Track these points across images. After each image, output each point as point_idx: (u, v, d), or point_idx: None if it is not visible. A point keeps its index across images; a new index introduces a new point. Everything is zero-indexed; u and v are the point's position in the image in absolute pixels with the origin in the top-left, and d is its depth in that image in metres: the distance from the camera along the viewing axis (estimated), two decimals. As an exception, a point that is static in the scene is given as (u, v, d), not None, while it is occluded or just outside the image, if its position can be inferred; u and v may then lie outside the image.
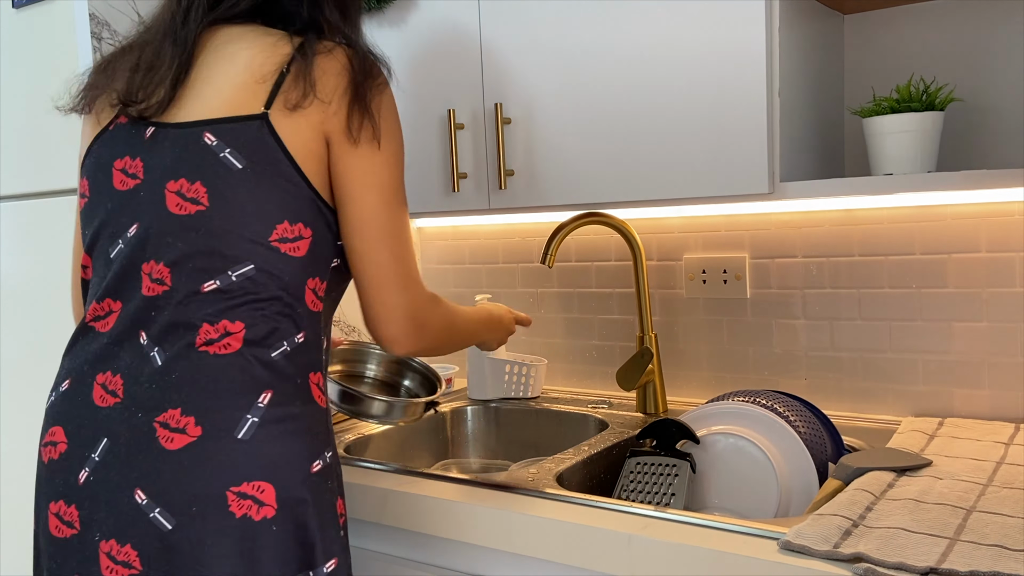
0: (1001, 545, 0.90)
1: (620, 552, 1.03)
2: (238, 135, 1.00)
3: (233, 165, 1.00)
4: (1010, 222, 1.37)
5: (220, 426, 0.96)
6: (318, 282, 1.05)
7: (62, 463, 1.02)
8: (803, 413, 1.32)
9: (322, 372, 1.06)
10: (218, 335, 0.99)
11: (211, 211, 1.00)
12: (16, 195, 1.67)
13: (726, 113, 1.24)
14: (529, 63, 1.42)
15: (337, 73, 1.03)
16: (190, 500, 0.94)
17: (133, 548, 0.95)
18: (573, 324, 1.83)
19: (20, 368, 1.68)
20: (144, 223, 1.02)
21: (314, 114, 1.01)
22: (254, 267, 0.99)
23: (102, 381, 1.02)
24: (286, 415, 0.99)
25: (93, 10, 1.44)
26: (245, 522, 0.95)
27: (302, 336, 1.03)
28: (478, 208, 1.50)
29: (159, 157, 1.03)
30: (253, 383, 0.98)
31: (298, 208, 1.01)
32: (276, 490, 0.96)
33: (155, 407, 0.98)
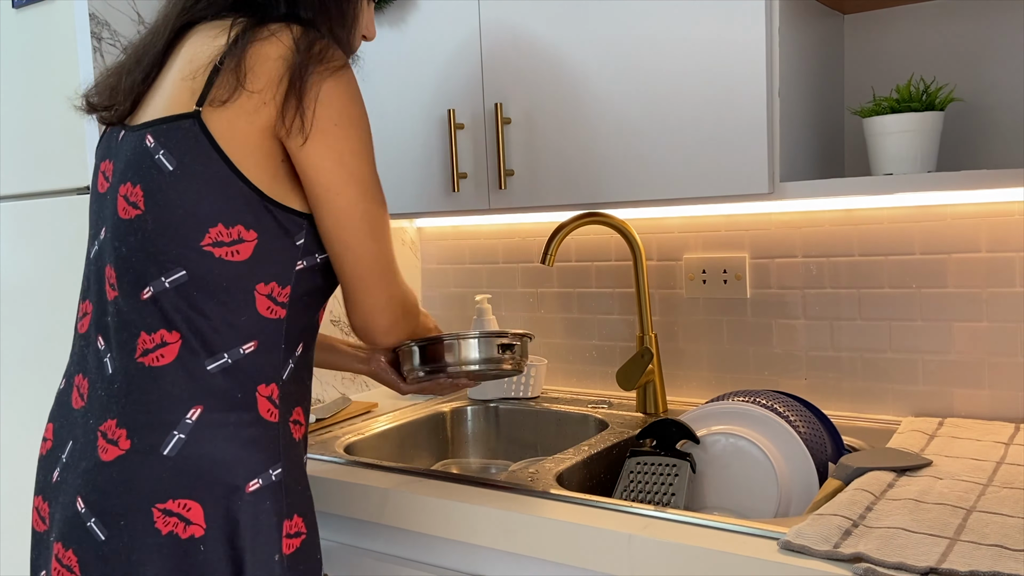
0: (1001, 545, 0.89)
1: (620, 552, 1.03)
2: (171, 135, 0.96)
3: (165, 167, 0.96)
4: (1010, 222, 1.37)
5: (147, 441, 0.94)
6: (275, 287, 0.99)
7: (46, 460, 1.04)
8: (803, 413, 1.32)
9: (277, 383, 1.00)
10: (154, 345, 0.96)
11: (145, 215, 0.97)
12: (16, 195, 1.67)
13: (726, 113, 1.24)
14: (529, 63, 1.42)
15: (275, 58, 0.94)
16: (119, 513, 0.93)
17: (74, 554, 0.95)
18: (573, 324, 1.83)
19: (20, 368, 1.68)
20: (107, 227, 1.02)
21: (250, 109, 0.94)
22: (186, 273, 0.95)
23: (77, 383, 1.03)
24: (218, 432, 0.95)
25: (93, 10, 1.44)
26: (172, 539, 0.93)
27: (251, 346, 0.97)
28: (478, 208, 1.50)
29: (120, 160, 1.02)
30: (183, 397, 0.95)
31: (235, 210, 0.95)
32: (204, 509, 0.93)
33: (101, 415, 0.97)
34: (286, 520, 0.98)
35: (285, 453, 1.00)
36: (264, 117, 0.95)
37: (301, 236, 1.00)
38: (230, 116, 0.94)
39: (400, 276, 1.06)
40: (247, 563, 0.95)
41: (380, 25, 1.58)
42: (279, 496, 0.98)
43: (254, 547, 0.95)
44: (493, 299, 1.94)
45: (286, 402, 1.01)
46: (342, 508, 1.29)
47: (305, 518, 1.01)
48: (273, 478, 0.97)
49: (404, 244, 2.00)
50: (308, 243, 1.01)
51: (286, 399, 1.01)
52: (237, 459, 0.95)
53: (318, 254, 1.02)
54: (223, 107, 0.94)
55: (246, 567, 0.95)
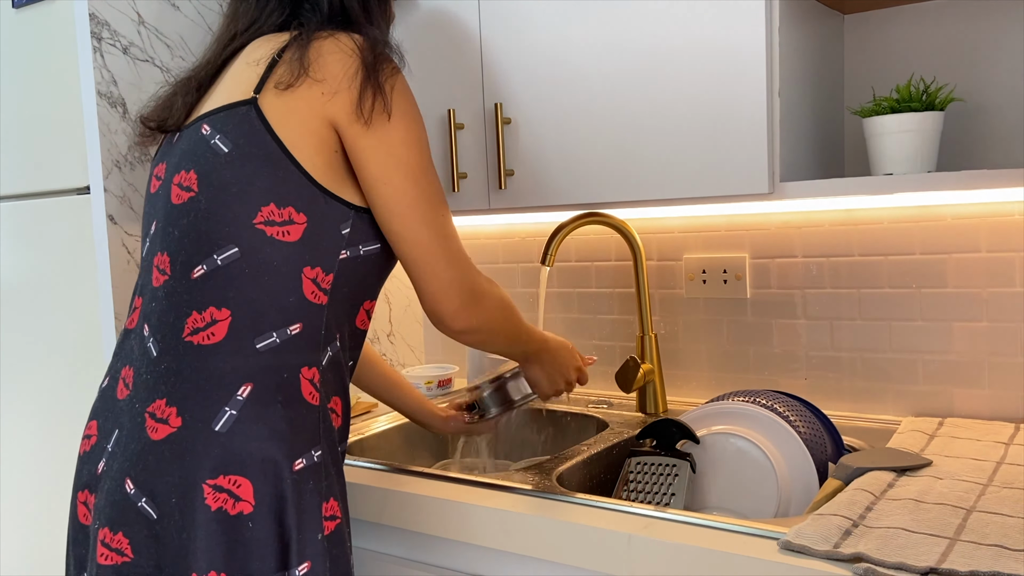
0: (1001, 545, 0.89)
1: (620, 552, 1.03)
2: (227, 121, 1.01)
3: (220, 150, 1.00)
4: (1010, 222, 1.37)
5: (198, 417, 0.96)
6: (320, 273, 1.02)
7: (90, 455, 1.05)
8: (803, 413, 1.32)
9: (318, 368, 1.03)
10: (204, 323, 0.98)
11: (199, 196, 1.00)
12: (16, 195, 1.67)
13: (726, 113, 1.24)
14: (529, 63, 1.42)
15: (340, 53, 1.01)
16: (170, 491, 0.95)
17: (125, 536, 0.96)
18: (573, 324, 1.83)
19: (20, 368, 1.68)
20: (159, 218, 1.05)
21: (312, 97, 0.99)
22: (238, 250, 0.98)
23: (123, 375, 1.05)
24: (267, 410, 0.97)
25: (93, 10, 1.44)
26: (221, 515, 0.94)
27: (297, 328, 1.00)
28: (478, 208, 1.50)
29: (174, 156, 1.06)
30: (234, 375, 0.97)
31: (287, 192, 0.99)
32: (253, 486, 0.95)
33: (148, 397, 0.99)
34: (324, 503, 1.00)
35: (325, 436, 1.02)
36: (329, 105, 1.00)
37: (347, 226, 1.03)
38: (288, 103, 1.00)
39: (465, 263, 1.06)
40: (293, 540, 0.96)
41: (380, 25, 1.59)
42: (320, 477, 1.00)
43: (300, 525, 0.97)
44: (493, 299, 1.94)
45: (325, 388, 1.04)
46: (342, 508, 1.29)
47: (340, 503, 1.04)
48: (315, 459, 1.00)
49: (404, 244, 2.00)
50: (353, 234, 1.04)
51: (325, 385, 1.03)
52: (284, 437, 0.97)
53: (362, 246, 1.05)
54: (284, 93, 1.00)
55: (292, 544, 0.96)
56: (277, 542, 0.96)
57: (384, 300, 1.96)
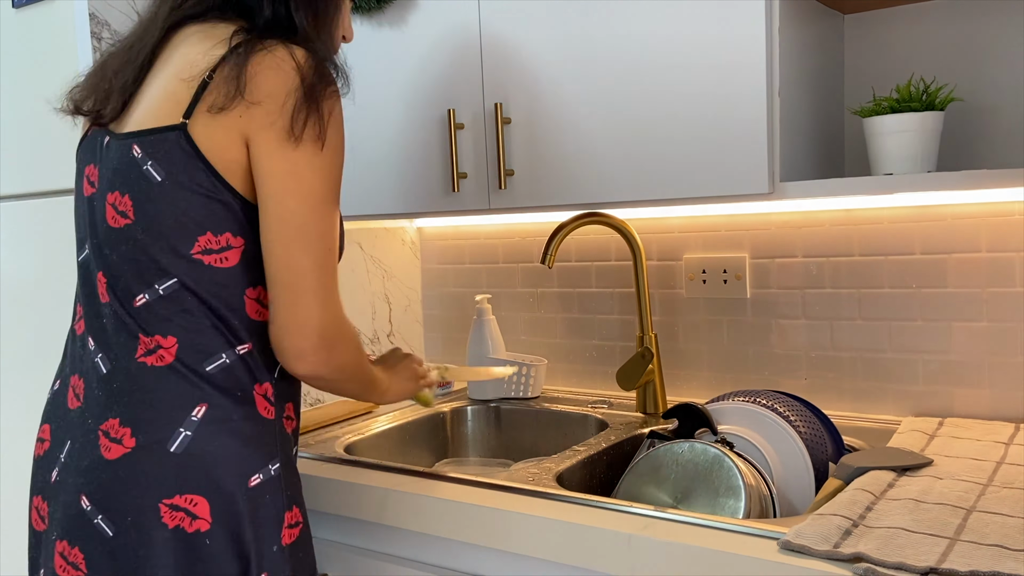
0: (1001, 545, 0.89)
1: (620, 552, 1.03)
2: (158, 146, 0.98)
3: (153, 178, 0.98)
4: (1010, 222, 1.37)
5: (153, 438, 0.96)
6: (262, 291, 1.02)
7: (44, 460, 1.06)
8: (803, 413, 1.32)
9: (271, 383, 1.03)
10: (153, 346, 0.98)
11: (135, 225, 0.99)
12: (16, 195, 1.67)
13: (726, 113, 1.24)
14: (529, 63, 1.42)
15: (277, 69, 0.96)
16: (126, 510, 0.95)
17: (80, 551, 0.97)
18: (573, 324, 1.83)
19: (20, 368, 1.68)
20: (95, 233, 1.04)
21: (235, 116, 0.96)
22: (178, 281, 0.98)
23: (73, 383, 1.05)
24: (222, 429, 0.98)
25: (93, 10, 1.44)
26: (178, 533, 0.95)
27: (246, 347, 1.01)
28: (478, 208, 1.50)
29: (106, 168, 1.03)
30: (188, 396, 0.97)
31: (223, 219, 0.98)
32: (210, 504, 0.96)
33: (100, 414, 0.99)
34: (287, 511, 1.02)
35: (282, 448, 1.04)
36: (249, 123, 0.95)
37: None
38: (215, 127, 0.96)
39: (334, 304, 0.99)
40: (252, 554, 0.98)
41: (380, 25, 1.58)
42: (278, 489, 1.01)
43: (257, 539, 0.98)
44: (493, 299, 1.94)
45: (279, 399, 1.05)
46: (342, 508, 1.29)
47: (301, 508, 1.06)
48: (272, 472, 1.01)
49: (404, 244, 2.00)
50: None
51: (279, 396, 1.05)
52: (240, 455, 0.98)
53: None
54: (217, 115, 0.95)
55: (251, 558, 0.98)
56: (235, 557, 0.97)
57: (384, 300, 1.96)
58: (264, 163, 0.96)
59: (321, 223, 0.98)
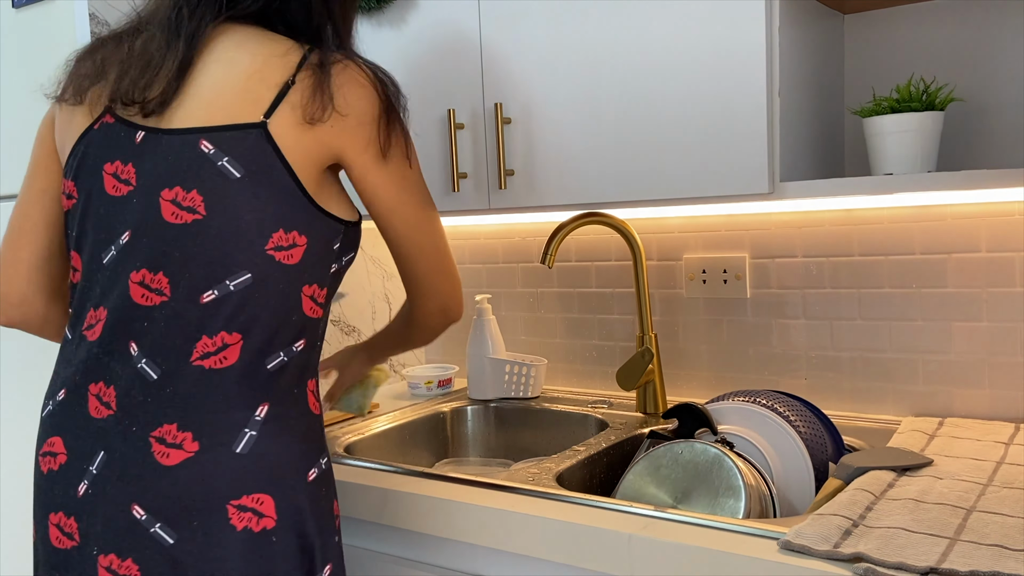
0: (1001, 545, 0.90)
1: (620, 552, 1.03)
2: (236, 144, 0.98)
3: (231, 174, 0.97)
4: (1010, 222, 1.37)
5: (218, 440, 0.96)
6: (316, 289, 1.04)
7: (62, 474, 1.01)
8: (803, 413, 1.32)
9: (315, 379, 1.07)
10: (215, 348, 0.97)
11: (208, 220, 0.97)
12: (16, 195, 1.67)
13: (726, 113, 1.24)
14: (529, 63, 1.42)
15: (361, 87, 1.03)
16: (191, 515, 0.94)
17: (135, 562, 0.95)
18: (573, 324, 1.83)
19: (20, 369, 1.68)
20: (138, 231, 1.00)
21: (325, 126, 1.01)
22: (251, 276, 0.98)
23: (95, 392, 1.00)
24: (283, 427, 0.99)
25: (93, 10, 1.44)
26: (247, 534, 0.95)
27: (301, 344, 1.03)
28: (478, 208, 1.50)
29: (151, 164, 1.00)
30: (250, 396, 0.98)
31: (293, 216, 1.00)
32: (275, 501, 0.97)
33: (150, 421, 0.97)
34: (336, 502, 1.06)
35: (325, 443, 1.07)
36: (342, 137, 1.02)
37: (337, 241, 1.06)
38: (301, 131, 1.00)
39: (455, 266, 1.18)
40: (316, 548, 1.00)
41: (380, 25, 1.59)
42: (330, 482, 1.05)
43: (319, 531, 1.01)
44: (493, 299, 1.94)
45: (319, 395, 1.09)
46: (342, 508, 1.29)
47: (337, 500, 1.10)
48: (323, 466, 1.04)
49: (404, 244, 2.00)
50: (341, 248, 1.07)
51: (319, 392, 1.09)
52: (300, 451, 1.00)
53: (344, 257, 1.09)
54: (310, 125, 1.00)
55: (316, 551, 1.00)
56: (300, 551, 0.99)
57: (384, 300, 1.96)
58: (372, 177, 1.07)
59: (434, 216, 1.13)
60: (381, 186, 1.07)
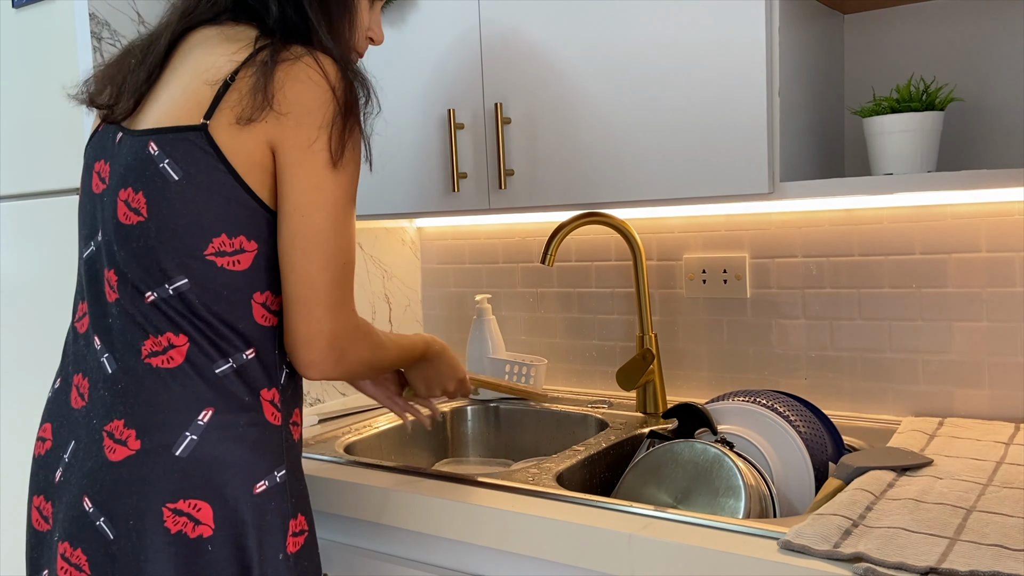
0: (1001, 545, 0.89)
1: (620, 552, 1.03)
2: (176, 146, 0.97)
3: (170, 176, 0.97)
4: (1010, 222, 1.37)
5: (158, 441, 0.95)
6: (270, 296, 1.01)
7: (46, 459, 1.05)
8: (803, 413, 1.32)
9: (278, 388, 1.03)
10: (162, 348, 0.97)
11: (148, 222, 0.98)
12: (16, 195, 1.67)
13: (726, 113, 1.24)
14: (529, 63, 1.42)
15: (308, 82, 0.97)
16: (128, 513, 0.94)
17: (83, 553, 0.96)
18: (573, 324, 1.83)
19: (20, 368, 1.68)
20: (105, 230, 1.02)
21: (264, 125, 0.96)
22: (188, 281, 0.97)
23: (76, 383, 1.04)
24: (228, 434, 0.97)
25: (93, 10, 1.44)
26: (180, 538, 0.94)
27: (252, 352, 1.00)
28: (478, 208, 1.50)
29: (118, 164, 1.02)
30: (195, 399, 0.96)
31: (238, 221, 0.97)
32: (213, 509, 0.95)
33: (105, 415, 0.98)
34: (291, 519, 1.01)
35: (287, 455, 1.03)
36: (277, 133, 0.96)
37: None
38: (239, 131, 0.96)
39: (346, 317, 1.01)
40: (254, 563, 0.97)
41: (380, 25, 1.58)
42: (284, 497, 1.00)
43: (260, 547, 0.97)
44: (493, 299, 1.94)
45: (286, 405, 1.04)
46: (342, 508, 1.29)
47: (307, 516, 1.05)
48: (278, 479, 1.00)
49: (404, 244, 2.00)
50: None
51: (286, 403, 1.04)
52: (245, 461, 0.97)
53: None
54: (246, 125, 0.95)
55: (253, 566, 0.97)
56: (236, 564, 0.96)
57: (384, 300, 1.96)
58: (289, 174, 0.97)
59: (341, 237, 0.99)
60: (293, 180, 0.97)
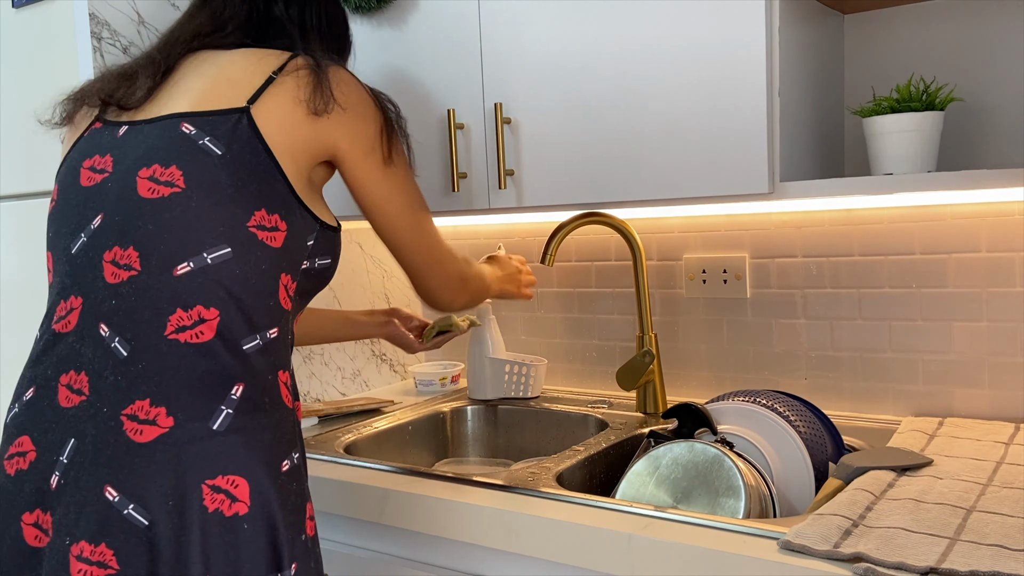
0: (1001, 545, 0.90)
1: (620, 552, 1.03)
2: (217, 125, 1.00)
3: (212, 151, 0.99)
4: (1010, 222, 1.37)
5: (193, 416, 0.93)
6: (290, 280, 1.03)
7: (32, 471, 0.98)
8: (803, 413, 1.32)
9: (290, 372, 1.04)
10: (191, 321, 0.95)
11: (188, 191, 0.97)
12: (16, 195, 1.67)
13: (726, 113, 1.24)
14: (529, 63, 1.42)
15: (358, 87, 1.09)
16: (165, 494, 0.91)
17: (108, 547, 0.91)
18: (573, 324, 1.83)
19: (20, 368, 1.68)
20: (110, 211, 1.00)
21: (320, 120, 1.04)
22: (231, 251, 0.97)
23: (66, 382, 0.98)
24: (256, 411, 0.96)
25: (93, 10, 1.44)
26: (217, 517, 0.91)
27: (275, 332, 1.00)
28: (478, 208, 1.50)
29: (131, 149, 1.02)
30: (226, 374, 0.95)
31: (275, 200, 1.00)
32: (250, 486, 0.93)
33: (121, 400, 0.94)
34: (308, 502, 1.01)
35: (299, 439, 1.04)
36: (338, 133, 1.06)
37: (312, 239, 1.05)
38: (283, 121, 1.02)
39: (451, 256, 1.24)
40: (284, 543, 0.95)
41: (380, 25, 1.58)
42: (301, 479, 1.01)
43: (288, 526, 0.96)
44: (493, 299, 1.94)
45: (294, 391, 1.05)
46: (342, 508, 1.29)
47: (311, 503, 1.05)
48: (295, 461, 1.00)
49: (404, 244, 2.00)
50: (314, 247, 1.06)
51: (294, 388, 1.06)
52: (273, 439, 0.97)
53: (318, 259, 1.08)
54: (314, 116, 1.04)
55: (283, 547, 0.95)
56: (269, 544, 0.94)
57: (384, 300, 1.96)
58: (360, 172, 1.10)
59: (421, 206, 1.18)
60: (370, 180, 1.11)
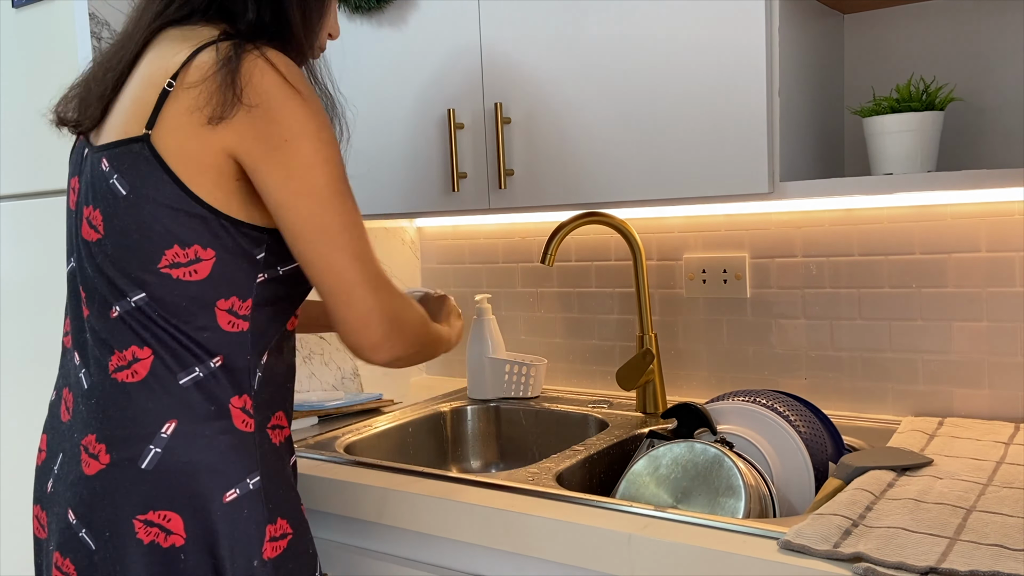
0: (1001, 545, 0.90)
1: (620, 552, 1.03)
2: (123, 159, 0.96)
3: (119, 191, 0.97)
4: (1010, 222, 1.37)
5: (125, 455, 0.97)
6: (236, 301, 0.99)
7: (41, 470, 1.08)
8: (803, 413, 1.32)
9: (248, 394, 1.01)
10: (127, 362, 0.98)
11: (105, 239, 0.98)
12: (16, 195, 1.67)
13: (726, 113, 1.24)
14: (529, 63, 1.42)
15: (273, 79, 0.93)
16: (104, 525, 0.96)
17: (71, 563, 0.99)
18: (573, 324, 1.83)
19: (20, 368, 1.68)
20: (76, 248, 1.05)
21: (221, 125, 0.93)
22: (146, 295, 0.97)
23: (65, 396, 1.06)
24: (194, 445, 0.97)
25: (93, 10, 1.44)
26: (154, 548, 0.95)
27: (218, 360, 0.99)
28: (478, 208, 1.50)
29: (83, 180, 1.03)
30: (158, 411, 0.97)
31: (189, 232, 0.95)
32: (183, 519, 0.96)
33: (82, 429, 1.00)
34: (269, 525, 1.00)
35: (263, 460, 1.01)
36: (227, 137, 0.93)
37: (261, 250, 1.00)
38: (180, 138, 0.94)
39: (386, 287, 0.98)
40: (227, 570, 0.97)
41: (380, 25, 1.59)
42: (258, 503, 0.99)
43: (232, 555, 0.97)
44: (493, 299, 1.94)
45: (261, 410, 1.03)
46: (342, 508, 1.29)
47: (290, 519, 1.03)
48: (251, 486, 0.99)
49: (404, 244, 2.00)
50: (269, 256, 1.00)
51: (261, 407, 1.03)
52: (213, 470, 0.97)
53: (280, 267, 1.02)
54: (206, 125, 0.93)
55: (227, 574, 0.97)
56: (211, 573, 0.97)
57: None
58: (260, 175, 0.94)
59: (339, 216, 0.95)
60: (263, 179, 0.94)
